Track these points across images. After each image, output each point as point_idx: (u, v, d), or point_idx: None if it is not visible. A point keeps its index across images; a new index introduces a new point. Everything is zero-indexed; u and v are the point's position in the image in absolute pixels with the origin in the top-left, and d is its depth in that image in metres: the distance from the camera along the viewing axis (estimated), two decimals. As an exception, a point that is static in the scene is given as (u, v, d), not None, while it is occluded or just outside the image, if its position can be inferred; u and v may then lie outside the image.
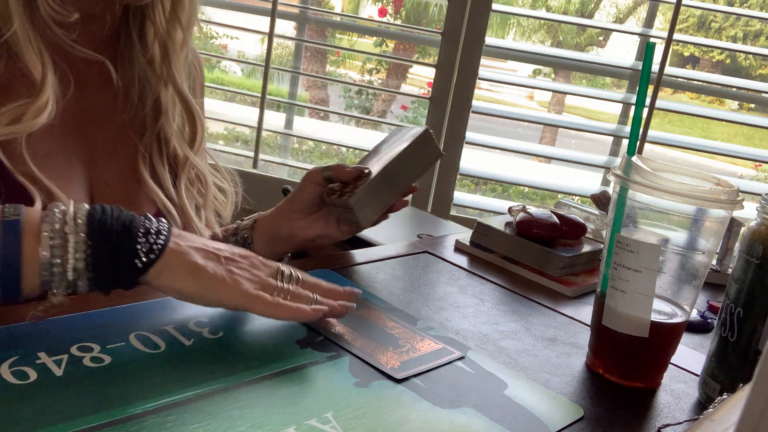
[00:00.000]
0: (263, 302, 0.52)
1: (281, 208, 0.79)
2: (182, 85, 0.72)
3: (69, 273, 0.46)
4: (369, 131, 5.30)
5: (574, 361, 0.60)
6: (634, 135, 0.56)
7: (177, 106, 0.73)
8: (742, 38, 8.38)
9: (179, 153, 0.74)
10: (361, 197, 0.72)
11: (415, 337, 0.58)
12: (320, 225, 0.78)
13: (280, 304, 0.52)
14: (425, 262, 0.78)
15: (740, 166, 6.27)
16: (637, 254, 0.53)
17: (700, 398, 0.57)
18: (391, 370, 0.51)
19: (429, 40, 1.87)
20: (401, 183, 0.76)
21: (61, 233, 0.46)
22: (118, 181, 0.69)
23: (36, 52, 0.59)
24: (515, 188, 4.42)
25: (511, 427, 0.47)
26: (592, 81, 7.00)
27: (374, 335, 0.57)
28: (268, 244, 0.79)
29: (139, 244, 0.48)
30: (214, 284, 0.51)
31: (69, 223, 0.46)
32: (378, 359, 0.52)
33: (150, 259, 0.48)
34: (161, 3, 0.69)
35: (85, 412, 0.40)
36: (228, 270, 0.52)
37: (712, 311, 0.80)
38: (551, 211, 0.84)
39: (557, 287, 0.76)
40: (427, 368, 0.53)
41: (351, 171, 0.74)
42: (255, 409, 0.44)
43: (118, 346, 0.48)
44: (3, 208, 0.46)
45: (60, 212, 0.47)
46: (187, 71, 0.75)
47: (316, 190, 0.76)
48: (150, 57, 0.70)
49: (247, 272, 0.53)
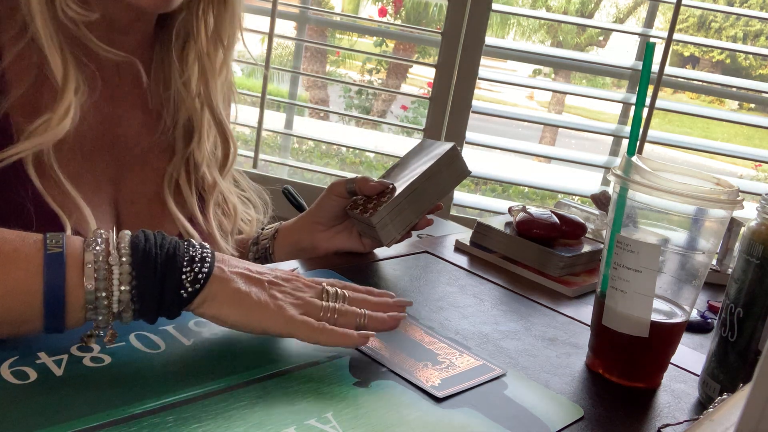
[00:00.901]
0: (309, 328, 0.50)
1: (303, 220, 0.78)
2: (218, 108, 0.71)
3: (114, 305, 0.45)
4: (369, 131, 5.30)
5: (574, 361, 0.60)
6: (634, 135, 0.56)
7: (212, 130, 0.72)
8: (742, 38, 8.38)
9: (208, 177, 0.72)
10: (384, 215, 0.70)
11: (454, 353, 0.56)
12: (343, 237, 0.76)
13: (325, 330, 0.50)
14: (425, 262, 0.78)
15: (740, 166, 6.27)
16: (637, 254, 0.53)
17: (700, 398, 0.57)
18: (431, 389, 0.50)
19: (429, 40, 1.87)
20: (426, 201, 0.73)
21: (105, 264, 0.44)
22: (145, 200, 0.68)
23: (57, 51, 0.58)
24: (515, 188, 4.42)
25: (511, 427, 0.47)
26: (592, 81, 7.00)
27: (411, 350, 0.55)
28: (289, 254, 0.78)
29: (184, 274, 0.47)
30: (257, 311, 0.49)
31: (113, 254, 0.45)
32: (417, 376, 0.51)
33: (195, 289, 0.47)
34: (204, 22, 0.68)
35: (85, 412, 0.40)
36: (272, 295, 0.50)
37: (712, 311, 0.80)
38: (551, 211, 0.84)
39: (557, 287, 0.76)
40: (469, 386, 0.51)
41: (375, 185, 0.73)
42: (255, 409, 0.44)
43: (118, 346, 0.48)
44: (44, 239, 0.44)
45: (103, 241, 0.45)
46: (224, 93, 0.73)
47: (339, 202, 0.75)
48: (187, 78, 0.68)
49: (290, 296, 0.52)
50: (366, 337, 0.51)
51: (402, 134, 5.04)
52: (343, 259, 0.74)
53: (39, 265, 0.43)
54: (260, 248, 0.79)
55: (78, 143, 0.62)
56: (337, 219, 0.76)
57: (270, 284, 0.51)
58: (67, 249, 0.44)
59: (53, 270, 0.43)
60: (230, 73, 0.75)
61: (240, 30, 0.71)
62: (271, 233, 0.80)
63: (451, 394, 0.49)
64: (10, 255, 0.43)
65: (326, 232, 0.77)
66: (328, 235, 0.76)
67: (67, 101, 0.58)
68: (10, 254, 0.43)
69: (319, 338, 0.50)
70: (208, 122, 0.71)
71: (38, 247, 0.44)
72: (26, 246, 0.44)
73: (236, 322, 0.49)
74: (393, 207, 0.71)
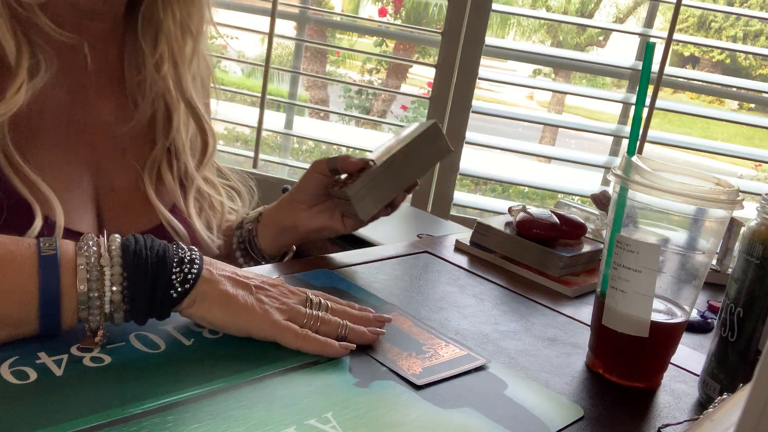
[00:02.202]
0: (293, 334, 0.51)
1: (285, 199, 0.79)
2: (191, 95, 0.72)
3: (106, 306, 0.46)
4: (369, 131, 5.30)
5: (574, 361, 0.60)
6: (634, 135, 0.56)
7: (189, 120, 0.73)
8: (742, 38, 8.38)
9: (189, 165, 0.73)
10: (360, 188, 0.71)
11: (439, 343, 0.57)
12: (324, 217, 0.77)
13: (308, 337, 0.51)
14: (425, 262, 0.78)
15: (740, 166, 6.26)
16: (637, 254, 0.53)
17: (700, 398, 0.57)
18: (412, 377, 0.50)
19: (429, 40, 1.87)
20: (405, 177, 0.74)
21: (97, 266, 0.46)
22: (125, 188, 0.69)
23: (10, 33, 0.59)
24: (515, 188, 4.42)
25: (511, 427, 0.47)
26: (592, 81, 7.00)
27: (397, 340, 0.56)
28: (272, 236, 0.78)
29: (174, 274, 0.48)
30: (244, 314, 0.51)
31: (104, 255, 0.46)
32: (400, 365, 0.52)
33: (185, 289, 0.48)
34: (171, 10, 0.69)
35: (85, 412, 0.40)
36: (258, 299, 0.52)
37: (712, 311, 0.80)
38: (551, 211, 0.84)
39: (557, 287, 0.76)
40: (448, 375, 0.52)
41: (356, 162, 0.73)
42: (255, 409, 0.44)
43: (118, 346, 0.48)
44: (38, 243, 0.46)
45: (94, 244, 0.47)
46: (203, 85, 0.74)
47: (321, 180, 0.76)
48: (157, 64, 0.69)
49: (276, 301, 0.53)
50: (347, 349, 0.52)
51: (402, 134, 5.03)
52: (343, 260, 0.74)
53: (34, 267, 0.44)
54: (244, 231, 0.80)
55: (48, 132, 0.63)
56: (318, 198, 0.77)
57: (257, 288, 0.53)
58: (61, 251, 0.46)
59: (48, 272, 0.44)
60: (208, 65, 0.76)
61: (210, 22, 0.73)
62: (254, 216, 0.80)
63: (430, 382, 0.50)
64: (6, 258, 0.44)
65: (308, 211, 0.77)
66: (309, 213, 0.77)
67: (20, 79, 0.59)
68: (5, 257, 0.44)
69: (301, 344, 0.51)
70: (185, 112, 0.72)
71: (33, 251, 0.45)
72: (21, 249, 0.45)
73: (223, 323, 0.51)
74: (369, 180, 0.72)
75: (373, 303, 0.63)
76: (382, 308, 0.62)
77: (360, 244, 1.14)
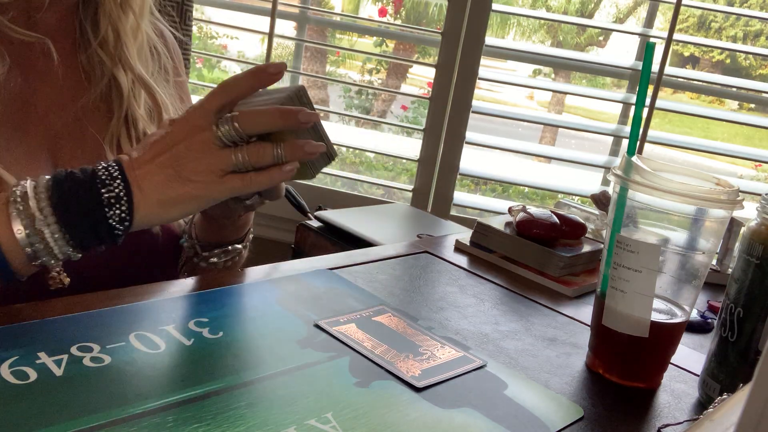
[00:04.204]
0: (238, 184, 0.53)
1: None
2: (139, 69, 0.74)
3: (52, 245, 0.49)
4: (369, 131, 5.29)
5: (574, 361, 0.60)
6: (634, 135, 0.56)
7: (141, 90, 0.75)
8: (742, 38, 8.38)
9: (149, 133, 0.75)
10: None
11: (435, 344, 0.57)
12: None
13: (254, 179, 0.53)
14: (425, 262, 0.78)
15: (740, 166, 6.26)
16: (637, 254, 0.53)
17: (700, 398, 0.57)
18: (411, 379, 0.51)
19: (429, 40, 1.87)
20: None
21: (26, 206, 0.49)
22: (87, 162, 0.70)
23: None
24: (515, 188, 4.41)
25: (511, 427, 0.47)
26: (592, 81, 6.99)
27: (394, 342, 0.56)
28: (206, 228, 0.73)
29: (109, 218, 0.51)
30: (189, 202, 0.54)
31: (31, 198, 0.49)
32: (398, 367, 0.52)
33: (126, 227, 0.52)
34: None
35: (85, 412, 0.40)
36: (187, 179, 0.53)
37: (712, 311, 0.80)
38: (551, 211, 0.84)
39: (557, 287, 0.76)
40: (447, 377, 0.52)
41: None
42: (255, 409, 0.44)
43: (118, 346, 0.48)
44: None
45: (21, 188, 0.50)
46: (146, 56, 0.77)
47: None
48: (101, 41, 0.72)
49: (201, 164, 0.53)
50: (293, 169, 0.54)
51: (402, 134, 5.04)
52: (343, 260, 0.74)
53: None
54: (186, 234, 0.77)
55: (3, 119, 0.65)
56: None
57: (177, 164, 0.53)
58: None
59: None
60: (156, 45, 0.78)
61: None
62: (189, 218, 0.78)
63: (430, 384, 0.50)
64: None
65: None
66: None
67: None
68: None
69: (252, 187, 0.54)
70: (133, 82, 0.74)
71: None
72: None
73: (178, 218, 0.55)
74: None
75: (371, 303, 0.63)
76: (372, 308, 0.62)
77: (360, 244, 1.14)
